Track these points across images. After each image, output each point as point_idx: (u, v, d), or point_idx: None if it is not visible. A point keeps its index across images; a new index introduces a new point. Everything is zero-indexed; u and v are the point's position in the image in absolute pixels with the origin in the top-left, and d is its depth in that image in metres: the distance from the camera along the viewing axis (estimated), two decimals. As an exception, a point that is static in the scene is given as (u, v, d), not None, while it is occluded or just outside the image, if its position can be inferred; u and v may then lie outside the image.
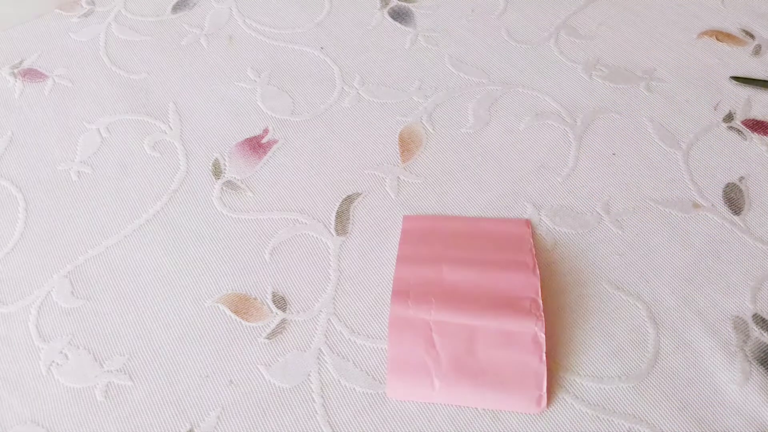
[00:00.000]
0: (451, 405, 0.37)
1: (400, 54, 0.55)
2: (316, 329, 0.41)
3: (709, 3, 0.58)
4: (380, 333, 0.40)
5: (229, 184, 0.48)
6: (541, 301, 0.40)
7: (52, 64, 0.56)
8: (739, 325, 0.40)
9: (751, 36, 0.55)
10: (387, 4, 0.59)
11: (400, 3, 0.59)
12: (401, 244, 0.43)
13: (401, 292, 0.41)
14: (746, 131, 0.49)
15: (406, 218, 0.45)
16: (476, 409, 0.37)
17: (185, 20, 0.59)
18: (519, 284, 0.40)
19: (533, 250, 0.42)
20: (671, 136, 0.48)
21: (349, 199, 0.46)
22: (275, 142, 0.50)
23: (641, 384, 0.38)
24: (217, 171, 0.48)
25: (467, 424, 0.37)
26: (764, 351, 0.38)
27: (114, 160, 0.49)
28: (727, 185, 0.46)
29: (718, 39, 0.55)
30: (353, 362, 0.39)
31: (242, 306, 0.42)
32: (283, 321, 0.41)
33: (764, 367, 0.38)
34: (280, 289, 0.42)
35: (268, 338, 0.40)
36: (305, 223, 0.45)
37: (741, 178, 0.46)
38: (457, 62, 0.54)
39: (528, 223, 0.44)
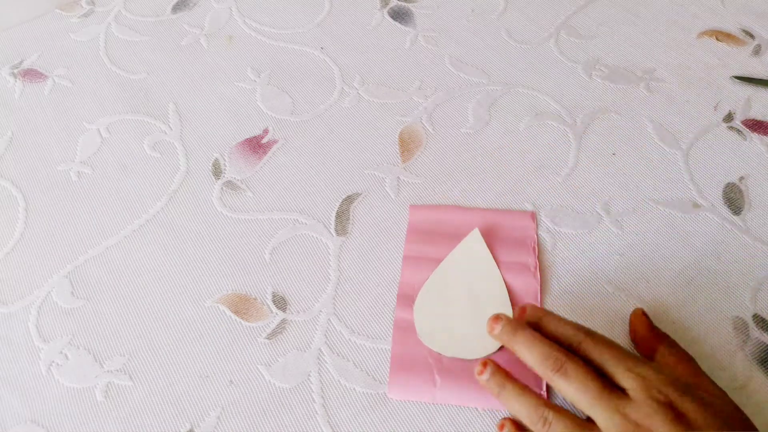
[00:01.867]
0: (452, 405, 0.37)
1: (400, 54, 0.55)
2: (316, 329, 0.41)
3: (709, 3, 0.58)
4: (380, 333, 0.40)
5: (229, 184, 0.48)
6: (539, 305, 0.40)
7: (52, 65, 0.56)
8: (739, 326, 0.40)
9: (751, 36, 0.55)
10: (387, 4, 0.59)
11: (400, 3, 0.59)
12: (407, 243, 0.43)
13: (406, 296, 0.41)
14: (746, 131, 0.49)
15: (412, 209, 0.45)
16: (476, 409, 0.37)
17: (185, 20, 0.59)
18: (520, 288, 0.41)
19: (536, 248, 0.42)
20: (671, 136, 0.48)
21: (349, 199, 0.46)
22: (275, 142, 0.50)
23: (641, 384, 0.38)
24: (217, 171, 0.48)
25: (467, 424, 0.37)
26: (764, 351, 0.38)
27: (114, 161, 0.49)
28: (727, 185, 0.46)
29: (718, 39, 0.55)
30: (353, 362, 0.39)
31: (242, 306, 0.42)
32: (283, 321, 0.41)
33: (764, 367, 0.38)
34: (280, 289, 0.42)
35: (268, 338, 0.40)
36: (305, 223, 0.45)
37: (741, 178, 0.46)
38: (457, 62, 0.54)
39: (533, 215, 0.44)
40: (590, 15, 0.57)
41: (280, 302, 0.42)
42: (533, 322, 0.36)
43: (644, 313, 0.39)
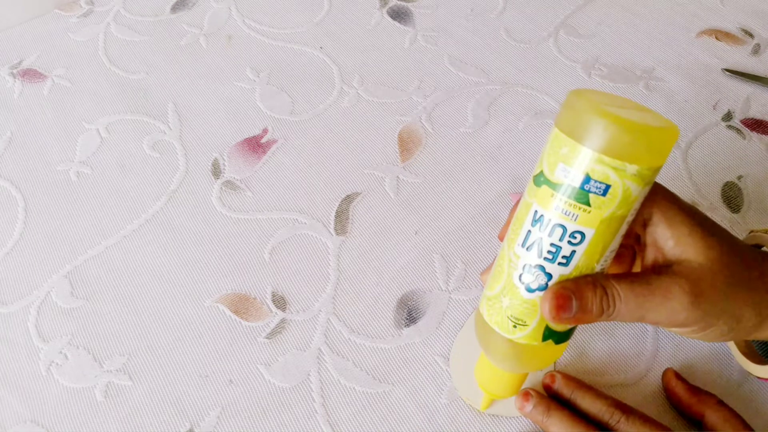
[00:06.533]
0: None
1: (399, 54, 0.55)
2: (316, 329, 0.41)
3: (709, 2, 0.58)
4: (380, 332, 0.40)
5: (229, 184, 0.48)
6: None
7: (51, 65, 0.56)
8: (739, 324, 0.39)
9: (750, 35, 0.55)
10: (386, 3, 0.59)
11: (399, 2, 0.59)
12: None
13: None
14: (745, 130, 0.49)
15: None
16: (476, 409, 0.37)
17: (184, 20, 0.59)
18: None
19: None
20: (670, 135, 0.48)
21: (348, 199, 0.46)
22: (274, 141, 0.50)
23: (641, 383, 0.38)
24: (216, 171, 0.48)
25: (467, 424, 0.37)
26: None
27: (113, 160, 0.49)
28: (726, 184, 0.46)
29: (717, 38, 0.55)
30: (353, 361, 0.39)
31: (242, 306, 0.42)
32: (283, 321, 0.41)
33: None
34: (279, 288, 0.42)
35: (267, 338, 0.40)
36: (305, 222, 0.45)
37: (740, 177, 0.46)
38: (456, 62, 0.54)
39: None
40: (589, 14, 0.57)
41: (280, 302, 0.42)
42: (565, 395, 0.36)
43: (678, 375, 0.37)
